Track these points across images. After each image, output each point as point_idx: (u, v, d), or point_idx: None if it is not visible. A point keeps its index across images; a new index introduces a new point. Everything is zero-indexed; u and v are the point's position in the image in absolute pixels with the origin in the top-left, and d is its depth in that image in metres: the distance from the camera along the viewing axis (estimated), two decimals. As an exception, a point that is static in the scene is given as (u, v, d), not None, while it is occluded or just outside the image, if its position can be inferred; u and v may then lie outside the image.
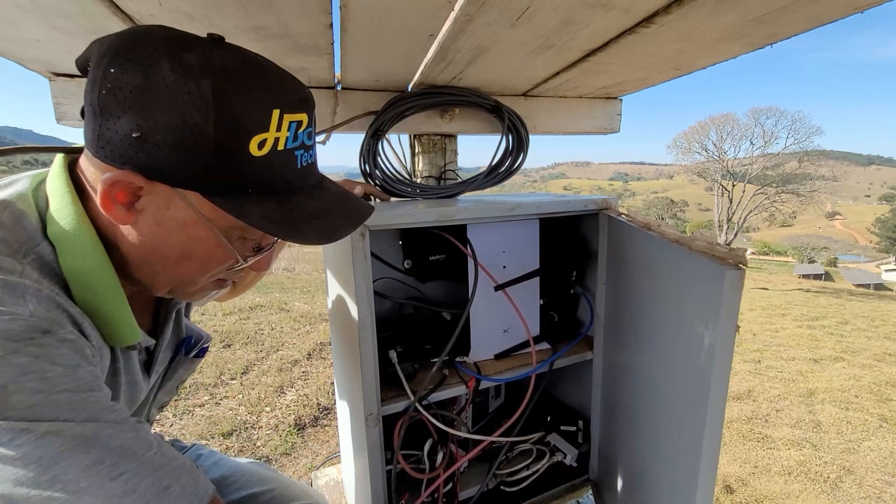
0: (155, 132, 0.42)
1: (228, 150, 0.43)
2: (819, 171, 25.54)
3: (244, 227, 0.49)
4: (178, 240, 0.47)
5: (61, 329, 0.40)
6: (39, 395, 0.35)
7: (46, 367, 0.37)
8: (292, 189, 0.49)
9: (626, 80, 1.00)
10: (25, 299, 0.39)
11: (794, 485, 2.68)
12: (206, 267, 0.51)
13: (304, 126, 0.48)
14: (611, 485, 0.96)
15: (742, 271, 0.49)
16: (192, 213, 0.46)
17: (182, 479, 0.41)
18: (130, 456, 0.39)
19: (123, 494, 0.37)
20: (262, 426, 2.70)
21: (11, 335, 0.36)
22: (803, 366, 4.73)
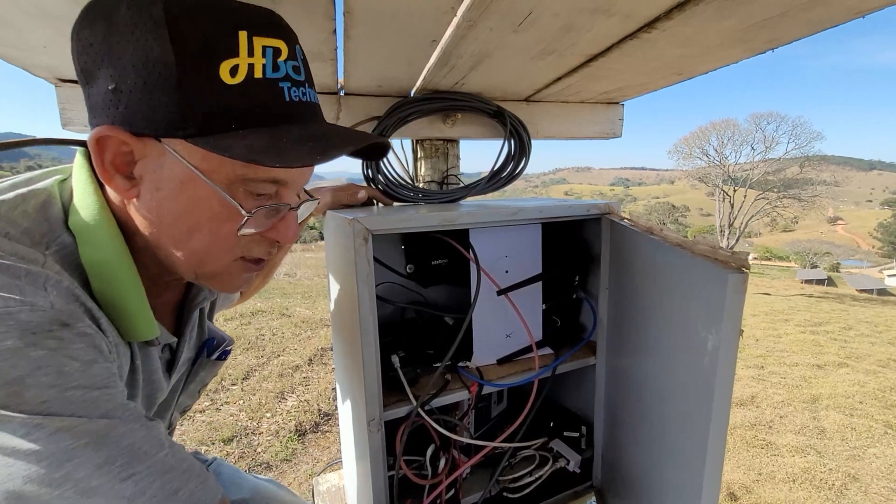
0: (125, 77, 0.41)
1: (196, 79, 0.41)
2: (820, 176, 25.55)
3: (245, 179, 0.45)
4: (180, 204, 0.45)
5: (80, 323, 0.39)
6: (53, 391, 0.35)
7: (63, 361, 0.36)
8: (284, 120, 0.46)
9: (628, 84, 1.00)
10: (46, 290, 0.38)
11: (799, 492, 2.65)
12: (216, 233, 0.47)
13: (283, 55, 0.45)
14: (614, 491, 0.95)
15: (745, 275, 0.49)
16: (183, 166, 0.43)
17: (190, 484, 0.41)
18: (142, 456, 0.38)
19: (133, 497, 0.37)
20: (262, 432, 2.69)
21: (31, 326, 0.35)
22: (807, 372, 4.71)
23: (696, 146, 26.20)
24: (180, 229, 0.47)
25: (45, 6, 0.57)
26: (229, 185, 0.45)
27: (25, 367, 0.34)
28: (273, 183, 0.48)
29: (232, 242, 0.49)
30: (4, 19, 0.61)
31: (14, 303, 0.35)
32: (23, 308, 0.35)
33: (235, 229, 0.47)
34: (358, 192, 0.93)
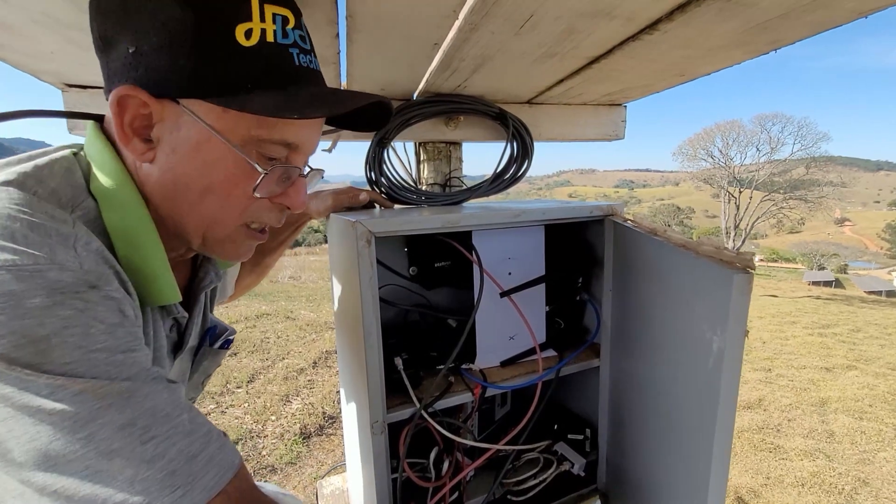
0: (145, 40, 0.42)
1: (214, 41, 0.43)
2: (827, 177, 25.34)
3: (259, 140, 0.47)
4: (196, 165, 0.47)
5: (107, 285, 0.40)
6: (79, 352, 0.35)
7: (89, 322, 0.36)
8: (296, 81, 0.48)
9: (630, 86, 1.00)
10: (76, 250, 0.38)
11: (808, 496, 2.62)
12: (230, 192, 0.49)
13: (291, 23, 0.47)
14: (619, 494, 0.94)
15: (750, 275, 0.49)
16: (200, 127, 0.45)
17: (210, 448, 0.41)
18: (163, 419, 0.38)
19: (153, 459, 0.37)
20: (267, 435, 2.70)
21: (59, 286, 0.35)
22: (815, 374, 4.66)
23: (701, 147, 26.09)
24: (194, 191, 0.48)
25: (53, 13, 0.58)
26: (244, 145, 0.47)
27: (53, 325, 0.34)
28: (285, 146, 0.50)
29: (244, 204, 0.50)
30: (13, 27, 0.62)
31: (44, 261, 0.35)
32: (52, 266, 0.35)
33: (248, 190, 0.49)
34: (360, 195, 0.93)
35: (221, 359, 0.73)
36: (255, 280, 0.98)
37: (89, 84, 0.87)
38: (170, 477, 0.37)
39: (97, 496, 0.34)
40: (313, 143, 0.55)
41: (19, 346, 0.33)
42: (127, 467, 0.35)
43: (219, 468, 0.41)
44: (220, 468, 0.41)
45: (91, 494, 0.34)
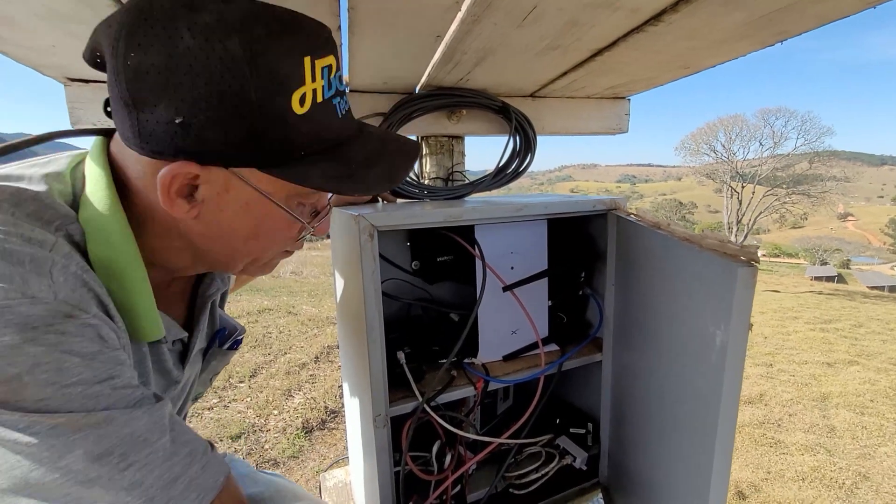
0: (197, 111, 0.39)
1: (273, 112, 0.41)
2: (830, 171, 25.21)
3: (301, 193, 0.48)
4: (243, 222, 0.47)
5: (84, 313, 0.38)
6: (52, 388, 0.35)
7: (62, 357, 0.35)
8: (340, 141, 0.48)
9: (634, 79, 1.00)
10: (52, 277, 0.37)
11: (809, 491, 2.63)
12: (274, 240, 0.52)
13: (334, 70, 0.46)
14: (621, 488, 0.95)
15: (754, 268, 0.49)
16: (251, 191, 0.45)
17: (191, 470, 0.41)
18: (141, 444, 0.38)
19: (131, 487, 0.37)
20: (269, 429, 2.71)
21: (31, 321, 0.34)
22: (816, 369, 4.66)
23: (704, 142, 25.96)
24: (239, 239, 0.49)
25: (54, 7, 0.58)
26: (287, 200, 0.48)
27: (23, 364, 0.33)
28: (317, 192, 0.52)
29: (287, 245, 0.56)
30: (14, 20, 0.61)
31: (14, 294, 0.34)
32: (23, 301, 0.34)
33: (291, 236, 0.54)
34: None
35: (230, 358, 0.74)
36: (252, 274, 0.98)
37: (91, 78, 0.87)
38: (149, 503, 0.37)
39: None
40: None
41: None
42: (106, 495, 0.36)
43: (199, 490, 0.41)
44: (201, 490, 0.41)
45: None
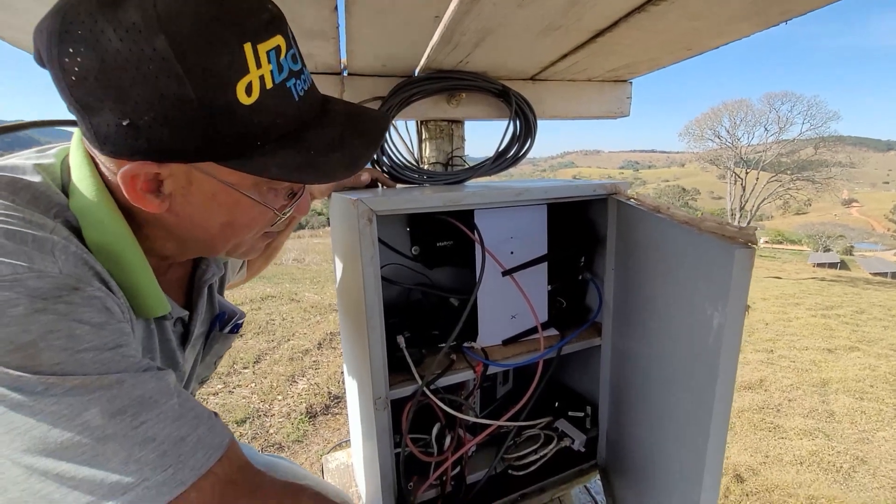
0: (141, 113, 0.39)
1: (217, 107, 0.40)
2: (836, 157, 24.95)
3: (269, 181, 0.48)
4: (213, 211, 0.48)
5: (89, 286, 0.40)
6: (66, 353, 0.37)
7: (73, 325, 0.37)
8: (300, 125, 0.47)
9: (636, 61, 0.98)
10: (55, 255, 0.39)
11: (806, 474, 2.66)
12: (250, 227, 0.52)
13: (283, 51, 0.44)
14: (619, 470, 0.96)
15: (752, 250, 0.49)
16: (214, 182, 0.45)
17: (198, 430, 0.42)
18: (151, 405, 0.40)
19: (144, 442, 0.39)
20: (274, 414, 2.75)
21: (40, 293, 0.36)
22: (817, 355, 4.67)
23: (708, 128, 25.69)
24: (214, 227, 0.50)
25: (46, -14, 0.57)
26: (255, 188, 0.48)
27: (37, 331, 0.35)
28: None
29: (261, 230, 0.55)
30: (12, 4, 0.61)
31: (22, 269, 0.36)
32: (31, 275, 0.36)
33: (266, 222, 0.53)
34: (361, 174, 0.93)
35: (232, 342, 0.75)
36: (266, 263, 1.00)
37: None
38: (160, 458, 0.39)
39: (95, 477, 0.36)
40: None
41: (8, 351, 0.35)
42: (121, 450, 0.37)
43: (207, 449, 0.42)
44: (208, 449, 0.42)
45: (90, 476, 0.36)
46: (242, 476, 0.45)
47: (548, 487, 0.97)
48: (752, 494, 2.47)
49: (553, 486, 0.98)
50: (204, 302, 0.65)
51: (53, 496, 0.36)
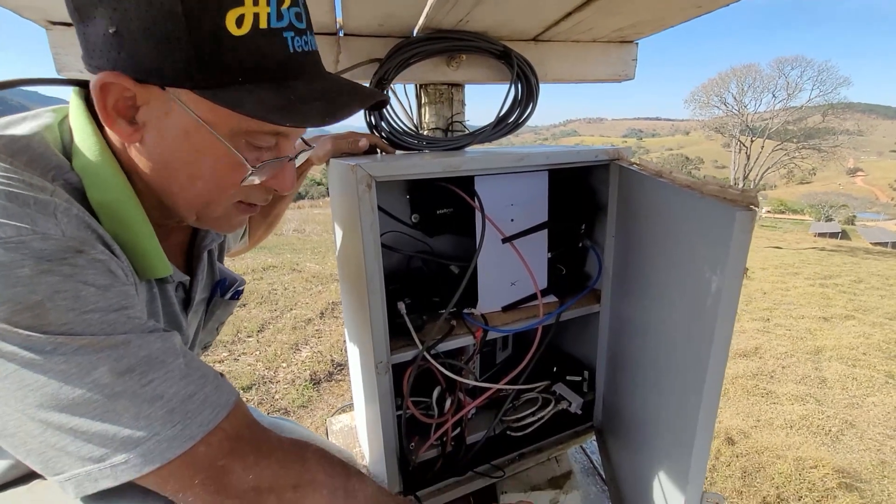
0: (128, 22, 0.39)
1: (204, 29, 0.40)
2: (844, 125, 24.47)
3: (249, 131, 0.46)
4: (184, 152, 0.46)
5: (92, 249, 0.41)
6: (72, 314, 0.37)
7: (78, 287, 0.38)
8: (289, 74, 0.46)
9: (643, 20, 0.94)
10: (56, 218, 0.39)
11: (795, 437, 2.75)
12: (219, 182, 0.49)
13: (287, 2, 0.43)
14: (614, 431, 0.99)
15: (753, 212, 0.48)
16: (189, 117, 0.44)
17: (205, 389, 0.44)
18: (158, 364, 0.41)
19: (153, 399, 0.40)
20: (279, 381, 2.81)
21: (45, 254, 0.37)
22: (812, 324, 4.74)
23: (715, 94, 25.08)
24: (183, 175, 0.48)
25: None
26: (232, 136, 0.46)
27: (44, 291, 0.36)
28: (274, 135, 0.49)
29: (233, 190, 0.51)
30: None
31: (26, 231, 0.36)
32: (35, 236, 0.36)
33: (238, 180, 0.49)
34: (360, 140, 0.91)
35: (233, 308, 0.77)
36: (267, 231, 1.00)
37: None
38: (169, 414, 0.40)
39: (107, 431, 0.38)
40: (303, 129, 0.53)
41: (17, 311, 0.35)
42: (131, 406, 0.39)
43: (213, 407, 0.43)
44: (215, 407, 0.44)
45: (102, 430, 0.38)
46: (249, 432, 0.47)
47: (545, 448, 1.01)
48: (742, 456, 2.56)
49: (550, 447, 1.01)
50: (204, 267, 0.65)
51: (69, 448, 0.37)
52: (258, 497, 0.44)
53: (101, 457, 0.38)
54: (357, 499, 0.50)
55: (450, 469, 0.92)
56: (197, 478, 0.41)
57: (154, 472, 0.39)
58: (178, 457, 0.40)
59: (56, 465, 0.38)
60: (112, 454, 0.38)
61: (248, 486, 0.43)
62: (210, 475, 0.42)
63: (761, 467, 2.47)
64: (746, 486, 2.34)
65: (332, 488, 0.49)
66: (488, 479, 0.94)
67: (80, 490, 0.38)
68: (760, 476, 2.41)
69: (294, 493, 0.46)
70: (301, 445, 0.51)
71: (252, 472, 0.44)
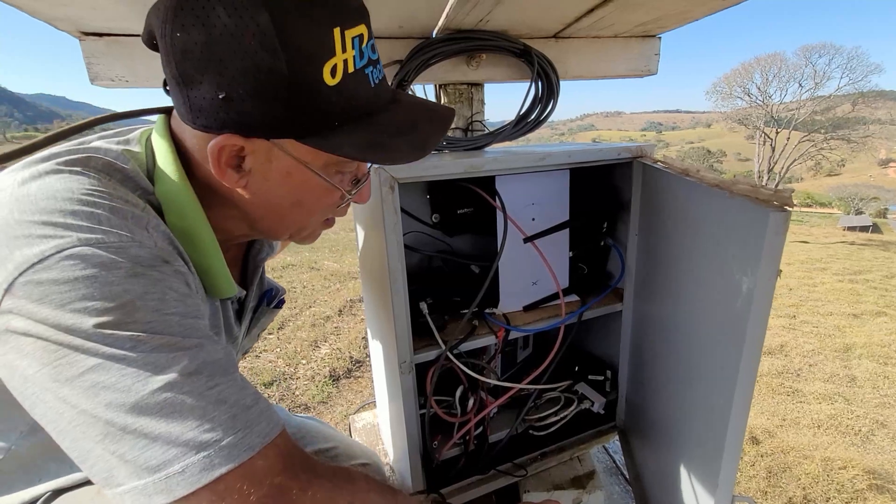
0: (236, 86, 0.42)
1: (305, 84, 0.43)
2: (875, 114, 23.53)
3: (339, 162, 0.50)
4: (286, 190, 0.51)
5: (176, 262, 0.45)
6: (156, 314, 0.40)
7: (164, 291, 0.41)
8: (372, 110, 0.49)
9: (666, 14, 0.92)
10: (149, 231, 0.43)
11: (823, 437, 2.67)
12: (316, 208, 0.54)
13: (365, 40, 0.47)
14: (638, 431, 0.98)
15: (787, 213, 0.47)
16: (290, 160, 0.48)
17: (261, 403, 0.45)
18: (223, 371, 0.43)
19: (218, 403, 0.41)
20: (299, 377, 2.86)
21: (140, 260, 0.40)
22: (841, 321, 4.59)
23: (738, 85, 24.37)
24: (284, 206, 0.53)
25: (61, -47, 0.56)
26: (326, 168, 0.50)
27: (136, 291, 0.39)
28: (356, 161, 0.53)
29: (327, 213, 0.57)
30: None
31: (126, 239, 0.41)
32: (132, 244, 0.41)
33: (332, 203, 0.55)
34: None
35: (275, 316, 0.80)
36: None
37: (105, 31, 0.85)
38: (231, 420, 0.41)
39: (172, 432, 0.38)
40: None
41: (108, 309, 0.38)
42: (197, 408, 0.40)
43: (269, 422, 0.44)
44: (270, 422, 0.45)
45: (167, 431, 0.38)
46: (299, 453, 0.47)
47: (567, 447, 1.00)
48: (767, 456, 2.50)
49: (572, 446, 1.01)
50: (257, 280, 0.70)
51: (128, 455, 0.38)
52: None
53: (159, 466, 0.38)
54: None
55: (472, 467, 0.93)
56: (255, 494, 0.40)
57: (212, 484, 0.39)
58: (237, 467, 0.40)
59: (113, 477, 0.38)
60: (172, 462, 0.38)
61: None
62: (268, 493, 0.41)
63: (787, 467, 2.41)
64: (772, 486, 2.29)
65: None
66: (511, 477, 0.95)
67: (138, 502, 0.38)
68: (786, 476, 2.35)
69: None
70: (345, 469, 0.52)
71: (309, 491, 0.44)
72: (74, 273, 0.37)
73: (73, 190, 0.41)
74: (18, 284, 0.37)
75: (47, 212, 0.39)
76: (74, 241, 0.38)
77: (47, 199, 0.40)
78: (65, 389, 0.37)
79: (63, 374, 0.37)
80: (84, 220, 0.40)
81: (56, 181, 0.42)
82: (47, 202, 0.40)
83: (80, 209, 0.40)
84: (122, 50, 0.86)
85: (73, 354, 0.37)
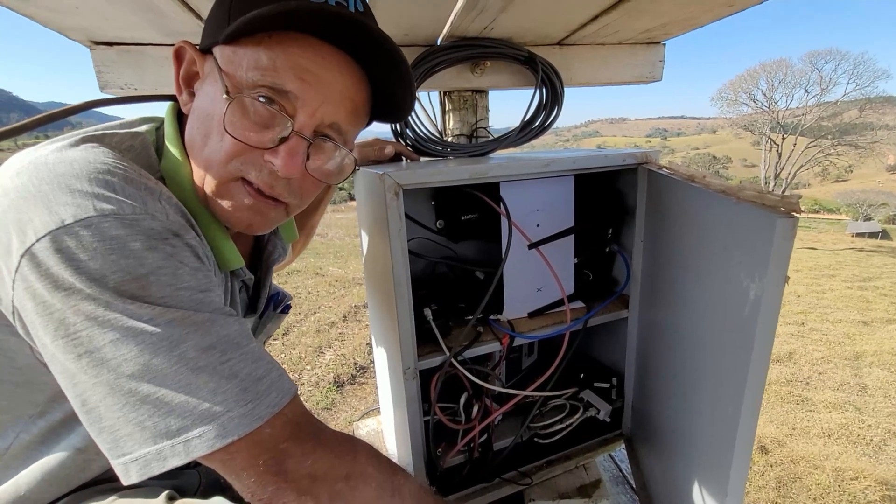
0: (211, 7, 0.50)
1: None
2: (883, 119, 23.36)
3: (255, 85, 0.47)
4: (203, 109, 0.51)
5: (187, 234, 0.45)
6: (170, 288, 0.41)
7: (176, 265, 0.43)
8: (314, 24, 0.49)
9: (671, 20, 0.93)
10: (161, 203, 0.44)
11: (834, 447, 2.63)
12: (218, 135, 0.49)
13: None
14: (644, 439, 0.97)
15: (794, 219, 0.47)
16: (216, 74, 0.49)
17: (272, 374, 0.46)
18: (235, 345, 0.44)
19: (230, 377, 0.42)
20: (304, 383, 2.86)
21: (153, 233, 0.41)
22: (851, 328, 4.53)
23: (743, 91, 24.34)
24: (199, 137, 0.51)
25: (73, -36, 0.57)
26: (239, 92, 0.48)
27: (150, 265, 0.41)
28: (280, 93, 0.48)
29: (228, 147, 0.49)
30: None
31: (139, 210, 0.41)
32: (146, 216, 0.41)
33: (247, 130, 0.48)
34: (385, 148, 0.92)
35: (281, 321, 0.81)
36: (305, 241, 1.04)
37: (115, 41, 0.87)
38: (242, 392, 0.43)
39: (188, 403, 0.40)
40: (328, 104, 0.51)
41: (125, 280, 0.39)
42: (210, 381, 0.41)
43: (279, 391, 0.46)
44: (280, 392, 0.46)
45: (183, 402, 0.40)
46: (307, 420, 0.48)
47: (573, 455, 0.99)
48: (776, 465, 2.46)
49: (578, 454, 1.00)
50: (270, 280, 0.70)
51: (147, 422, 0.39)
52: (312, 484, 0.45)
53: (178, 430, 0.40)
54: (402, 494, 0.51)
55: (477, 475, 0.92)
56: (261, 458, 0.43)
57: (223, 449, 0.41)
58: (247, 434, 0.42)
59: (126, 444, 0.40)
60: (189, 427, 0.40)
61: (305, 472, 0.45)
62: (273, 456, 0.43)
63: (797, 478, 2.37)
64: (781, 496, 2.25)
65: (380, 482, 0.50)
66: (516, 485, 0.94)
67: (144, 471, 0.40)
68: (796, 487, 2.31)
69: (345, 483, 0.47)
70: (351, 439, 0.52)
71: (310, 459, 0.46)
72: (93, 244, 0.38)
73: (90, 160, 0.42)
74: (38, 249, 0.38)
75: (67, 178, 0.40)
76: (91, 210, 0.39)
77: (66, 166, 0.41)
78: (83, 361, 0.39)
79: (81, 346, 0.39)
80: (101, 188, 0.41)
81: (74, 152, 0.43)
82: (66, 168, 0.41)
83: (98, 177, 0.41)
84: (132, 59, 0.88)
85: (90, 328, 0.38)
